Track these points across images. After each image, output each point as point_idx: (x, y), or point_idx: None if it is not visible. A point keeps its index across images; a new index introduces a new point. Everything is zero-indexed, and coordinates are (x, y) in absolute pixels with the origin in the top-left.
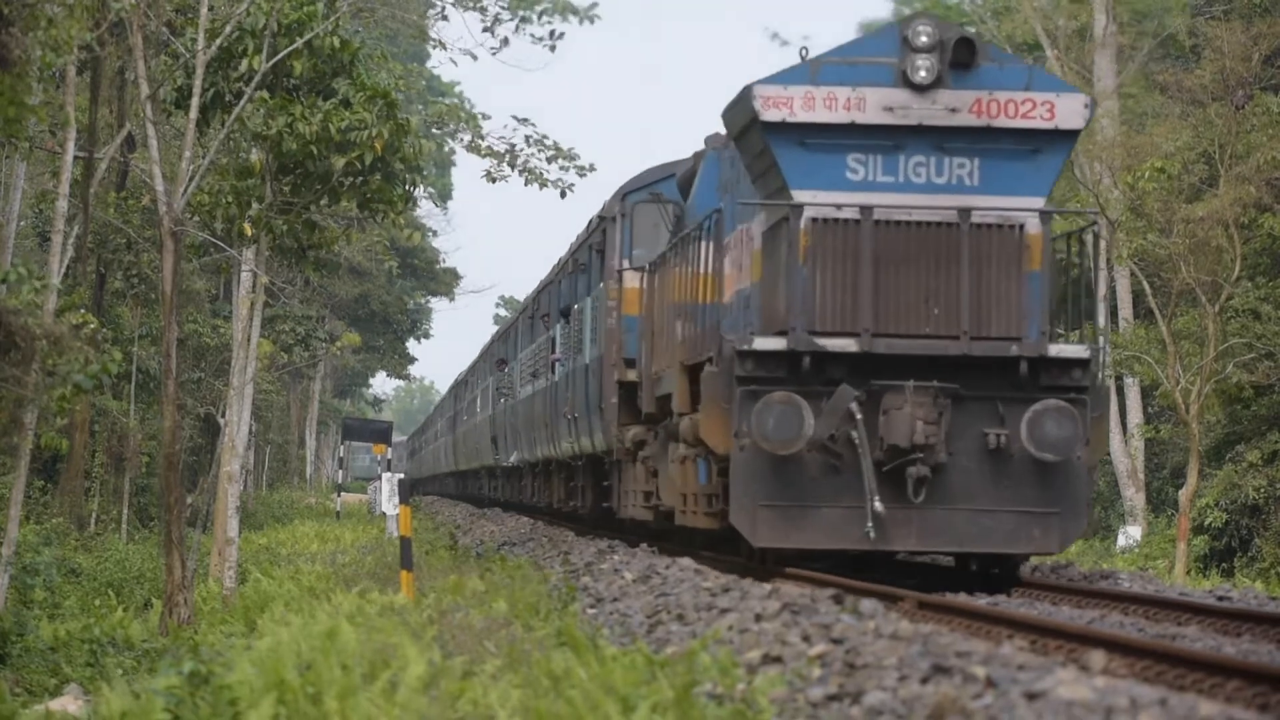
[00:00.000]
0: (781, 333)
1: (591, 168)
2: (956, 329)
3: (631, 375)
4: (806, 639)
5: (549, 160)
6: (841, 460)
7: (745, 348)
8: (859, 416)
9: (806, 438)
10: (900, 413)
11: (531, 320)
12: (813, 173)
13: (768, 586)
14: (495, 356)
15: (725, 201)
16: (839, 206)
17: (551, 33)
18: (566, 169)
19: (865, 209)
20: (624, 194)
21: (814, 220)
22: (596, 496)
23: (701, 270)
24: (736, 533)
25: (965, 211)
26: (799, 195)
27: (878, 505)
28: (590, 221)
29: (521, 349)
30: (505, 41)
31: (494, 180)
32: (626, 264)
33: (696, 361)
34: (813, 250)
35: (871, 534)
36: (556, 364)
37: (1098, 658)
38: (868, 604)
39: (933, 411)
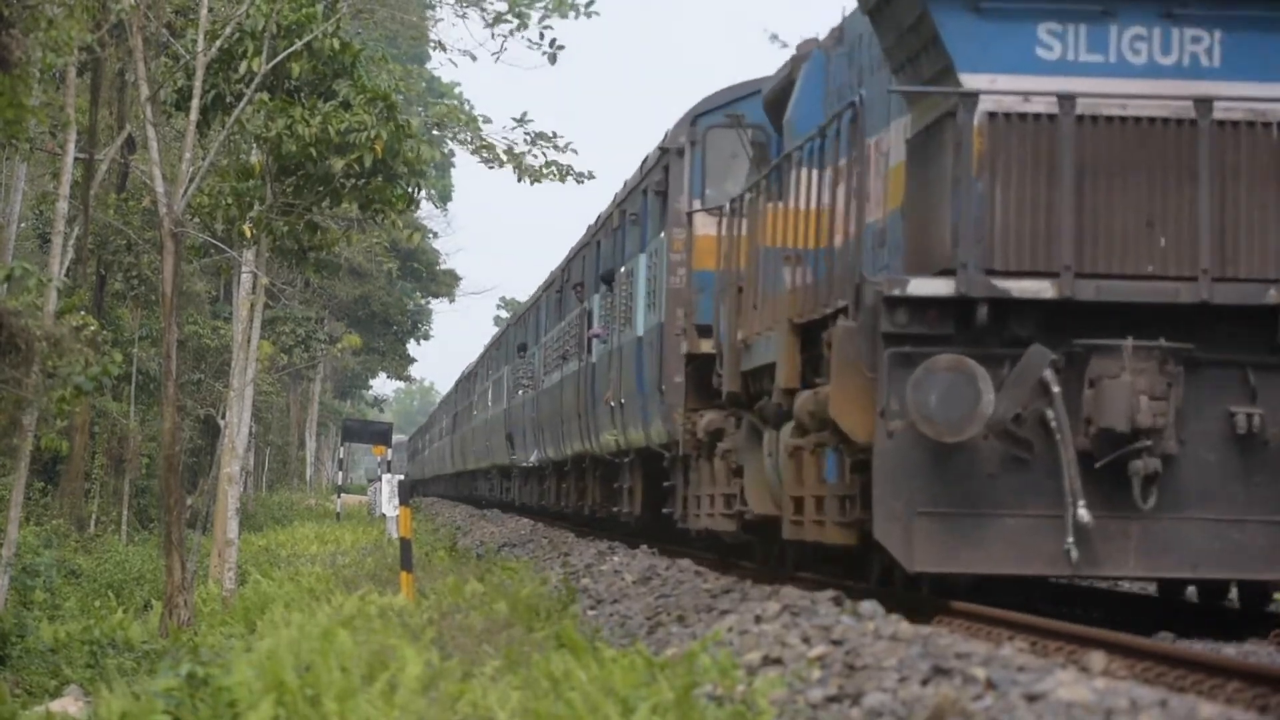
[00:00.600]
0: (946, 272)
1: (590, 175)
2: (1192, 266)
3: (705, 346)
4: (806, 640)
5: (546, 165)
6: (1031, 451)
7: (897, 293)
8: (1056, 389)
9: (984, 418)
10: (1115, 384)
11: (560, 294)
12: (990, 50)
13: (768, 588)
14: (512, 342)
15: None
16: (1027, 96)
17: (552, 41)
18: (565, 171)
19: (1064, 99)
20: (694, 117)
21: (992, 115)
22: (650, 501)
23: (824, 199)
24: (870, 551)
25: (1204, 102)
26: (971, 80)
27: (1082, 513)
28: (644, 160)
29: (546, 330)
30: (504, 43)
31: (491, 166)
32: (698, 205)
33: (814, 319)
34: (991, 156)
35: (1073, 554)
36: (595, 341)
37: (1098, 659)
38: (867, 605)
39: (1160, 382)
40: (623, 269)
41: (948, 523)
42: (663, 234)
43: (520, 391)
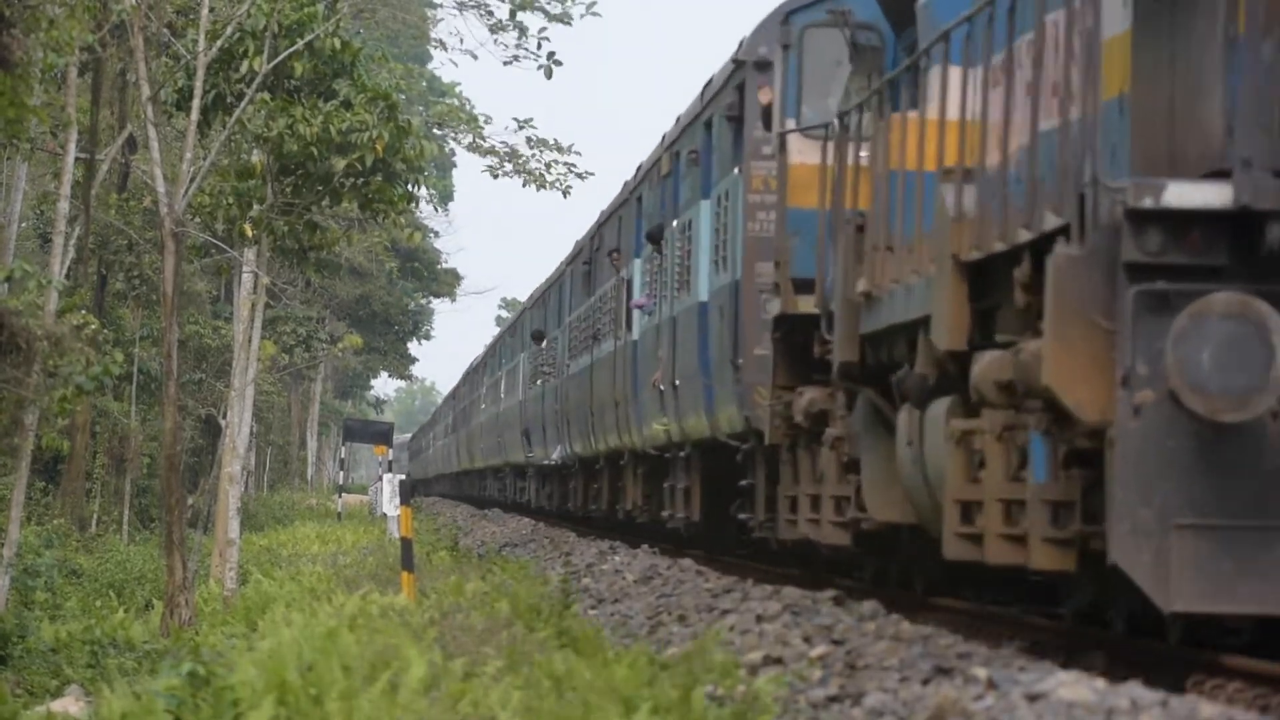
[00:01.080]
0: (1215, 175)
1: (590, 173)
2: None
3: (805, 305)
4: (808, 640)
5: (548, 166)
6: None
7: (1149, 204)
8: None
9: (1279, 388)
10: None
11: (589, 265)
12: None
13: (769, 588)
14: (528, 327)
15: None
16: None
17: (550, 55)
18: (566, 174)
19: None
20: (786, 14)
21: None
22: (712, 504)
23: (1009, 89)
24: (1080, 581)
25: None
26: None
27: None
28: (707, 84)
29: (572, 309)
30: (518, 47)
31: (496, 176)
32: (792, 125)
33: (997, 252)
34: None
35: None
36: (637, 314)
37: (1099, 659)
38: (868, 605)
39: None
40: (675, 223)
41: (1221, 540)
42: (737, 170)
43: (539, 381)
